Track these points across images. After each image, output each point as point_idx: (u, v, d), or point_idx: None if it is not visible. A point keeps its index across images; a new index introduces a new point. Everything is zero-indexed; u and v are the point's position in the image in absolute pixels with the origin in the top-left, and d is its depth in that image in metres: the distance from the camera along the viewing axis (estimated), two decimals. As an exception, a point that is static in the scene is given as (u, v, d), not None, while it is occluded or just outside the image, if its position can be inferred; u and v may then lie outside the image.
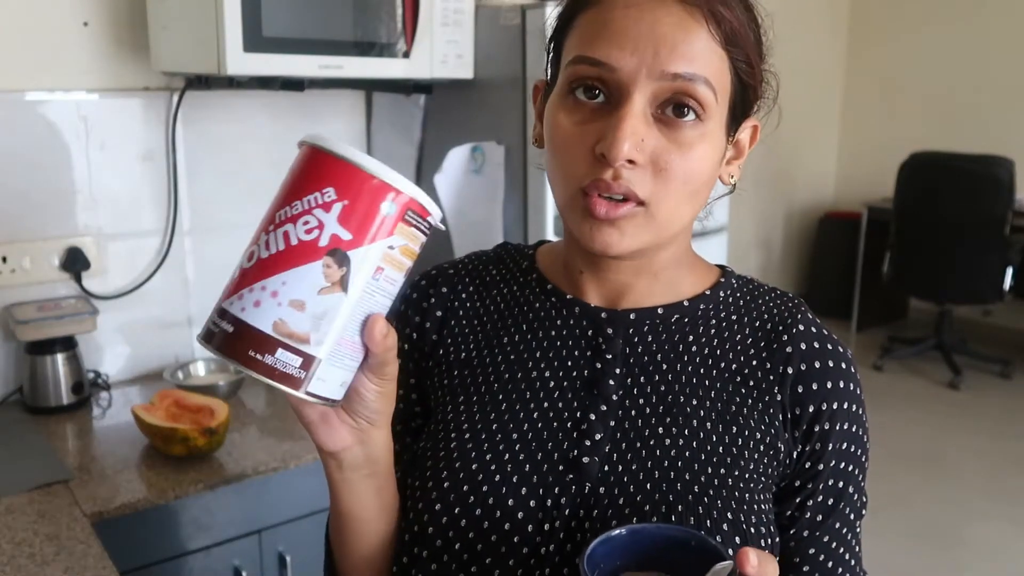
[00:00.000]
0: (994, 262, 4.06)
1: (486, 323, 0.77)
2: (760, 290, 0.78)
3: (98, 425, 1.67)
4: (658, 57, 0.61)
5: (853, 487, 0.75)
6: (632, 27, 0.61)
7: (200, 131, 1.88)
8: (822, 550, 0.74)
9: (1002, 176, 3.96)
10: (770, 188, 5.29)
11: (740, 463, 0.70)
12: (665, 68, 0.61)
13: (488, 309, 0.78)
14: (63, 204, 1.76)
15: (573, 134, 0.64)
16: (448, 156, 1.88)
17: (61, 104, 1.73)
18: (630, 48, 0.61)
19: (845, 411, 0.72)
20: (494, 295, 0.78)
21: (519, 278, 0.79)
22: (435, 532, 0.69)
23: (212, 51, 1.51)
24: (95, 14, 1.73)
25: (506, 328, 0.76)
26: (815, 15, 5.24)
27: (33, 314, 1.67)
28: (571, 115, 0.64)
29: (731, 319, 0.74)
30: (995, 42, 4.82)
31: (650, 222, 0.65)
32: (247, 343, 0.53)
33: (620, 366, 0.72)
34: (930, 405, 4.08)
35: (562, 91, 0.65)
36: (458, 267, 0.82)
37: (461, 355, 0.76)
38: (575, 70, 0.63)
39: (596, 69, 0.62)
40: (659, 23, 0.61)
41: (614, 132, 0.61)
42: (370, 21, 1.66)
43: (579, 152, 0.64)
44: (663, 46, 0.61)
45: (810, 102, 5.34)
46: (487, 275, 0.80)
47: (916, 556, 2.83)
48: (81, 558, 1.17)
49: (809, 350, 0.72)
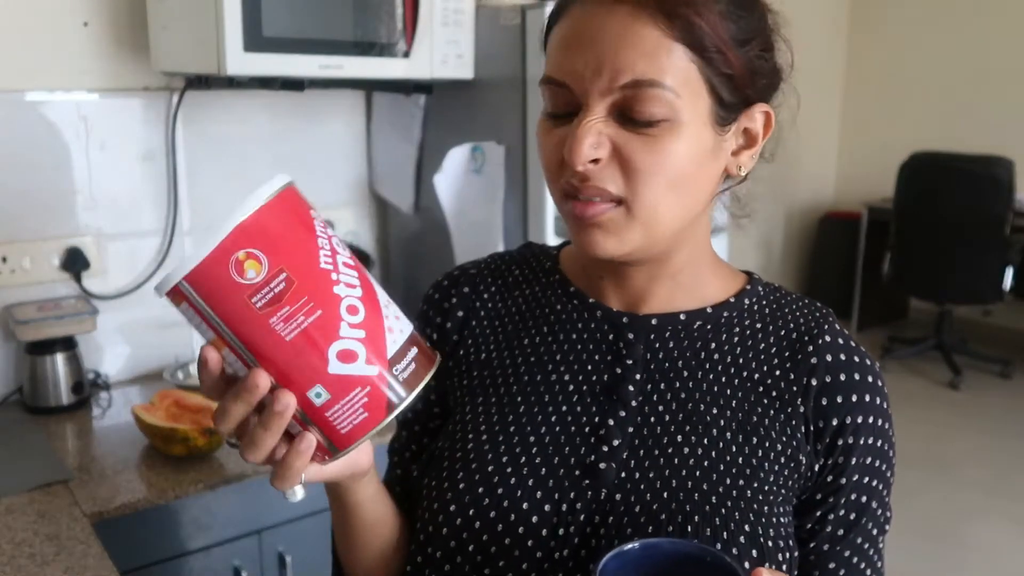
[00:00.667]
0: (994, 262, 4.06)
1: (507, 324, 0.77)
2: (788, 299, 0.77)
3: (98, 425, 1.67)
4: (600, 72, 0.61)
5: (877, 502, 0.74)
6: (583, 41, 0.61)
7: (200, 131, 1.88)
8: (843, 565, 0.73)
9: (1002, 176, 3.96)
10: (770, 188, 5.27)
11: (760, 475, 0.68)
12: (612, 83, 0.61)
13: (510, 310, 0.77)
14: (63, 204, 1.76)
15: (549, 149, 0.65)
16: (448, 156, 1.88)
17: (61, 104, 1.73)
18: (580, 64, 0.61)
19: (870, 425, 0.71)
20: (516, 296, 0.78)
21: (542, 279, 0.78)
22: (449, 533, 0.69)
23: (212, 51, 1.51)
24: (95, 14, 1.73)
25: (527, 329, 0.76)
26: (815, 15, 5.24)
27: (33, 314, 1.67)
28: (547, 133, 0.66)
29: (755, 327, 0.73)
30: (995, 42, 4.82)
31: (632, 220, 0.65)
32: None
33: (640, 372, 0.71)
34: (930, 405, 4.08)
35: (543, 110, 0.67)
36: (480, 267, 0.81)
37: (481, 356, 0.76)
38: (543, 91, 0.65)
39: (557, 88, 0.63)
40: (604, 32, 0.60)
41: (571, 136, 0.62)
42: (370, 21, 1.66)
43: (552, 160, 0.66)
44: (606, 59, 0.60)
45: (810, 102, 5.31)
46: (510, 275, 0.80)
47: (916, 556, 2.83)
48: (81, 558, 1.17)
49: (835, 362, 0.71)
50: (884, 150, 5.08)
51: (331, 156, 2.09)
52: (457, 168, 1.90)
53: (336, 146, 2.10)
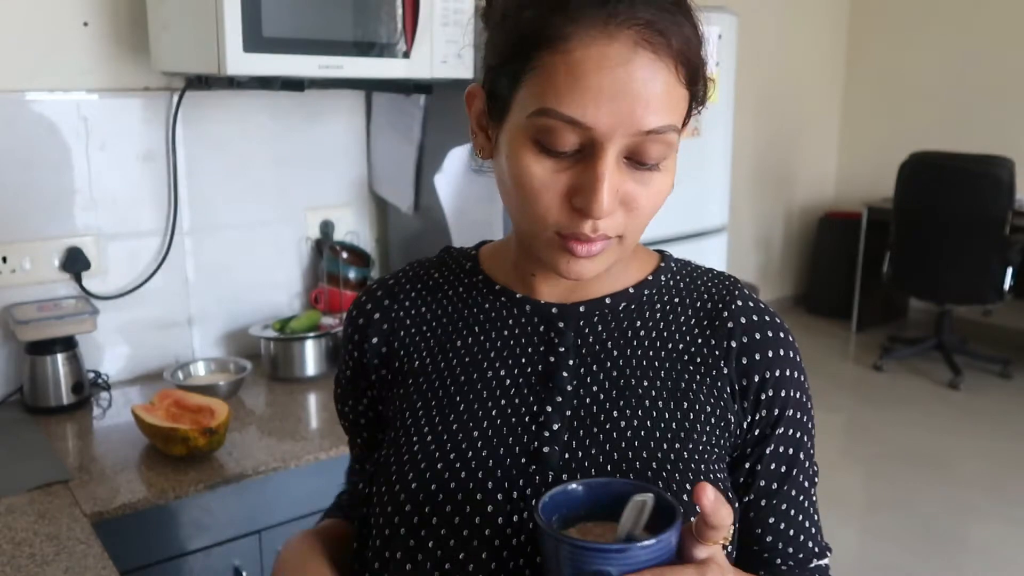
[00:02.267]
0: (994, 262, 4.06)
1: (435, 328, 0.78)
2: (698, 271, 0.81)
3: (98, 425, 1.67)
4: (633, 116, 0.61)
5: (804, 454, 0.77)
6: (607, 83, 0.60)
7: (200, 131, 1.89)
8: (781, 517, 0.76)
9: (1002, 176, 3.96)
10: (770, 188, 5.29)
11: (693, 437, 0.72)
12: (640, 127, 0.61)
13: (435, 313, 0.78)
14: (63, 204, 1.76)
15: (544, 181, 0.64)
16: (448, 156, 1.87)
17: (61, 104, 1.73)
18: (605, 108, 0.60)
19: (789, 378, 0.75)
20: (439, 298, 0.79)
21: (464, 280, 0.79)
22: (407, 532, 0.70)
23: (212, 51, 1.51)
24: (95, 14, 1.73)
25: (457, 331, 0.77)
26: (815, 15, 5.24)
27: (33, 314, 1.67)
28: (540, 162, 0.63)
29: (674, 301, 0.77)
30: (995, 42, 4.82)
31: (621, 248, 0.69)
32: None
33: (573, 357, 0.74)
34: (930, 405, 4.08)
35: (527, 136, 0.64)
36: (398, 277, 0.83)
37: (415, 363, 0.77)
38: (545, 123, 0.62)
39: (569, 126, 0.61)
40: (632, 79, 0.60)
41: (594, 192, 0.62)
42: (370, 21, 1.66)
43: (552, 199, 0.64)
44: (637, 104, 0.60)
45: (810, 102, 5.34)
46: (430, 280, 0.80)
47: (916, 556, 2.83)
48: (81, 558, 1.17)
49: (749, 323, 0.75)
50: (884, 150, 5.08)
51: (331, 156, 2.09)
52: (457, 168, 1.90)
53: (336, 146, 2.10)
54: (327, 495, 0.97)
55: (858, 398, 4.27)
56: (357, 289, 2.07)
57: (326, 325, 1.93)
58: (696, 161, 2.11)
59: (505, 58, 0.65)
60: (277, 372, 1.88)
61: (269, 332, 1.91)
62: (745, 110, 4.10)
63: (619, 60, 0.60)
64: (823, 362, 4.67)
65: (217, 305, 1.97)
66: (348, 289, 2.05)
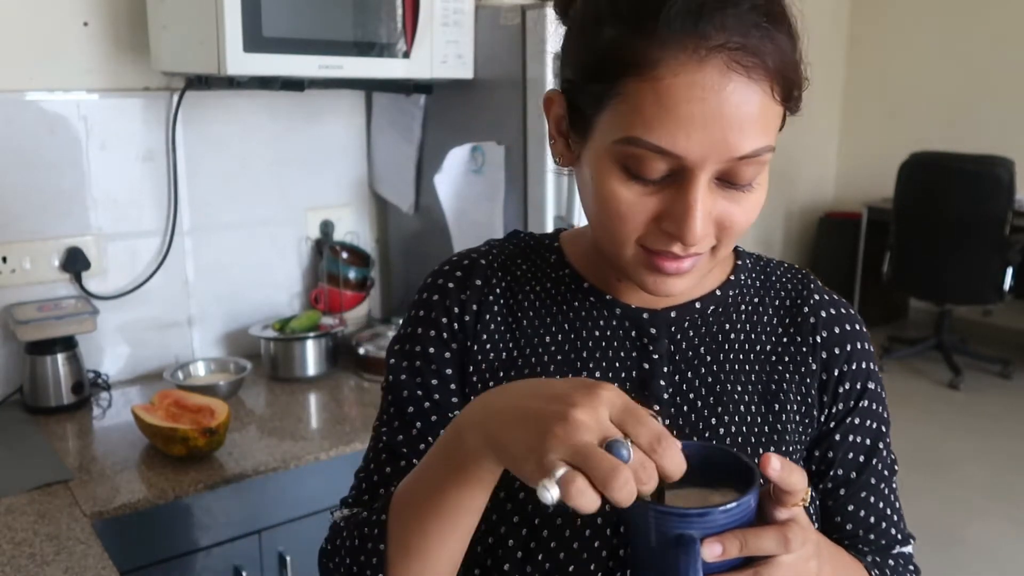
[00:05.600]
0: (994, 262, 4.06)
1: (522, 321, 0.74)
2: (771, 266, 0.81)
3: (98, 425, 1.67)
4: (727, 143, 0.59)
5: (882, 443, 0.79)
6: (698, 112, 0.57)
7: (200, 131, 1.88)
8: (861, 505, 0.78)
9: (1002, 176, 3.96)
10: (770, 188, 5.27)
11: (785, 436, 0.73)
12: (733, 154, 0.59)
13: (522, 306, 0.75)
14: (63, 204, 1.76)
15: (633, 205, 0.62)
16: (448, 156, 1.88)
17: (61, 104, 1.73)
18: (697, 137, 0.58)
19: (866, 370, 0.77)
20: (527, 291, 0.75)
21: (551, 274, 0.76)
22: (516, 544, 0.70)
23: (212, 51, 1.51)
24: (95, 14, 1.73)
25: (546, 327, 0.74)
26: (815, 15, 5.23)
27: (33, 314, 1.67)
28: (628, 187, 0.62)
29: (754, 301, 0.77)
30: (995, 42, 4.82)
31: (712, 261, 0.68)
32: None
33: (667, 364, 0.73)
34: (930, 405, 4.08)
35: (614, 161, 0.62)
36: (488, 259, 0.77)
37: (502, 355, 0.73)
38: (633, 152, 0.60)
39: (659, 155, 0.59)
40: (725, 104, 0.58)
41: (687, 220, 0.60)
42: (370, 21, 1.66)
43: (641, 220, 0.63)
44: (731, 131, 0.58)
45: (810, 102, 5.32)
46: (517, 270, 0.76)
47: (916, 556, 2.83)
48: (81, 558, 1.17)
49: (828, 317, 0.77)
50: (884, 150, 5.08)
51: (331, 156, 2.09)
52: (457, 168, 1.90)
53: (336, 146, 2.10)
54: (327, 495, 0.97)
55: (858, 398, 4.27)
56: (357, 289, 2.07)
57: (326, 325, 1.93)
58: (696, 161, 2.11)
59: (587, 77, 0.62)
60: (277, 372, 1.88)
61: (269, 332, 1.91)
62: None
63: (710, 87, 0.57)
64: (823, 362, 4.67)
65: (217, 305, 1.97)
66: (348, 289, 2.05)
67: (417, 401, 0.74)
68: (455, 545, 0.65)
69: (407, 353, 0.75)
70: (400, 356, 0.75)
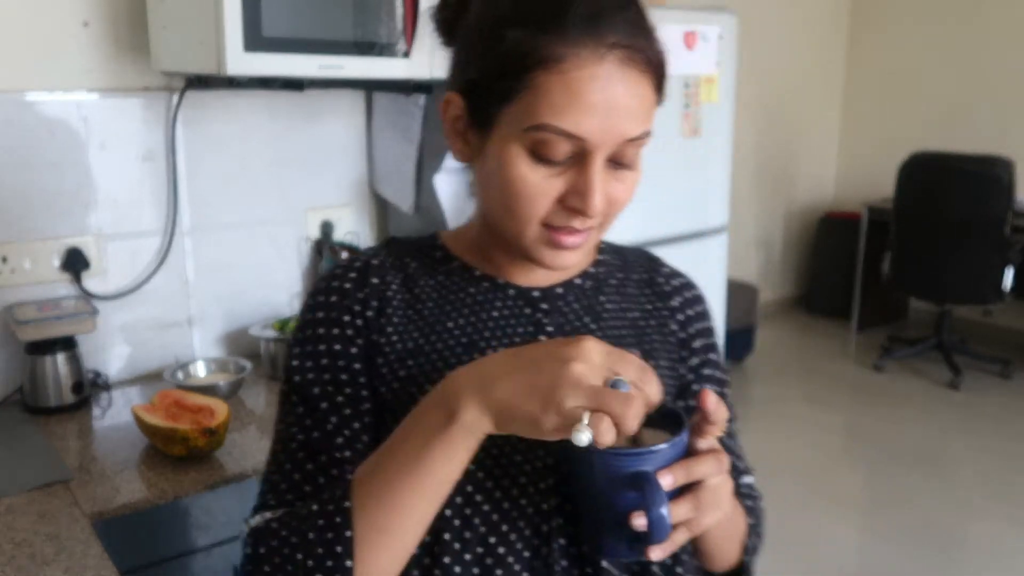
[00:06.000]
0: (994, 262, 4.06)
1: (422, 311, 0.79)
2: (624, 249, 0.92)
3: (98, 425, 1.67)
4: (621, 127, 0.69)
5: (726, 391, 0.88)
6: (599, 100, 0.67)
7: (200, 131, 1.89)
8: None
9: (1002, 176, 3.96)
10: (770, 188, 5.29)
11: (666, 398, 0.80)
12: (625, 136, 0.70)
13: (420, 298, 0.80)
14: (63, 204, 1.76)
15: (539, 186, 0.71)
16: (448, 156, 1.88)
17: (61, 104, 1.73)
18: (598, 122, 0.68)
19: (710, 329, 0.89)
20: (423, 285, 0.81)
21: (441, 268, 0.82)
22: (453, 513, 0.73)
23: (212, 51, 1.51)
24: (95, 14, 1.73)
25: (446, 314, 0.79)
26: (815, 15, 5.24)
27: (33, 314, 1.67)
28: (535, 170, 0.70)
29: (620, 276, 0.87)
30: (995, 42, 4.82)
31: (598, 236, 0.77)
32: None
33: (560, 335, 0.80)
34: (930, 405, 4.08)
35: (523, 147, 0.70)
36: (379, 260, 0.82)
37: (408, 344, 0.77)
38: (543, 136, 0.68)
39: (565, 138, 0.68)
40: (620, 94, 0.68)
41: (590, 195, 0.70)
42: (370, 21, 1.66)
43: (547, 202, 0.71)
44: (624, 117, 0.69)
45: (810, 102, 5.34)
46: (408, 267, 0.82)
47: (916, 556, 2.83)
48: (81, 558, 1.17)
49: (679, 286, 0.89)
50: (884, 150, 5.08)
51: (331, 156, 2.09)
52: (457, 168, 1.90)
53: (336, 146, 2.10)
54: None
55: (858, 398, 4.27)
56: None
57: (326, 325, 1.93)
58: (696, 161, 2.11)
59: (494, 75, 0.70)
60: (277, 372, 1.88)
61: (269, 332, 1.91)
62: (745, 110, 4.10)
63: (609, 78, 0.67)
64: (823, 362, 4.67)
65: (217, 305, 1.97)
66: (348, 289, 2.04)
67: (329, 397, 0.76)
68: (429, 519, 0.68)
69: (312, 354, 0.77)
70: (304, 358, 0.78)
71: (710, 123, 2.10)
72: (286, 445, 0.76)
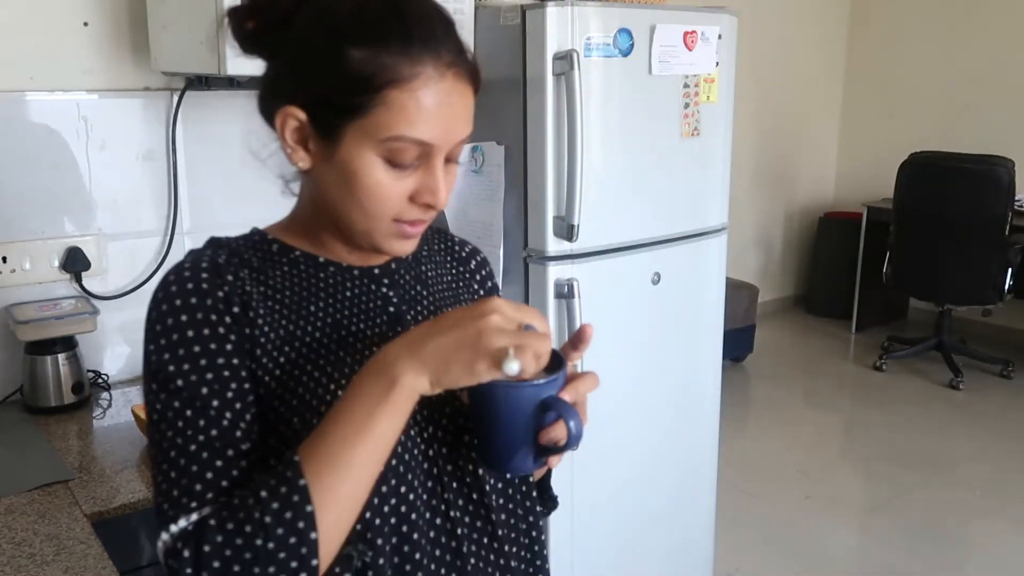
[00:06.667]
0: (994, 262, 4.07)
1: (283, 300, 0.84)
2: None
3: (98, 425, 1.67)
4: (456, 131, 0.81)
5: None
6: (444, 111, 0.79)
7: (200, 131, 1.88)
8: None
9: (1002, 176, 3.96)
10: (770, 188, 5.29)
11: None
12: (459, 138, 0.82)
13: (275, 288, 0.84)
14: (63, 204, 1.76)
15: (392, 187, 0.80)
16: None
17: (61, 104, 1.73)
18: (441, 128, 0.79)
19: (497, 285, 1.07)
20: (273, 275, 0.86)
21: (283, 259, 0.88)
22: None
23: (212, 51, 1.51)
24: (95, 14, 1.73)
25: (305, 299, 0.85)
26: (815, 15, 5.24)
27: (33, 314, 1.67)
28: (389, 175, 0.80)
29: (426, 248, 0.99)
30: (995, 42, 4.82)
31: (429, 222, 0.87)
32: None
33: (403, 304, 0.91)
34: (930, 405, 4.09)
35: (377, 155, 0.79)
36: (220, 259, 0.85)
37: (280, 331, 0.81)
38: (399, 147, 0.78)
39: (416, 145, 0.78)
40: (457, 104, 0.80)
41: (438, 190, 0.81)
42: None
43: (399, 200, 0.81)
44: (458, 123, 0.81)
45: (810, 102, 5.34)
46: (250, 263, 0.86)
47: (916, 556, 2.83)
48: (81, 558, 1.17)
49: (471, 251, 1.04)
50: (884, 150, 5.08)
51: (331, 156, 2.09)
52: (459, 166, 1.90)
53: (336, 146, 2.10)
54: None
55: (858, 398, 4.27)
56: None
57: (326, 325, 1.93)
58: (696, 161, 2.10)
59: (342, 91, 0.77)
60: (277, 372, 1.88)
61: (269, 332, 1.90)
62: (745, 110, 4.10)
63: (448, 92, 0.79)
64: (823, 362, 4.67)
65: (217, 305, 1.97)
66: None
67: (218, 395, 0.77)
68: (374, 480, 0.76)
69: (189, 356, 0.77)
70: (181, 361, 0.77)
71: (710, 123, 2.10)
72: (182, 449, 0.75)
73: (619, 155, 1.94)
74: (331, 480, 0.72)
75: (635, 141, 1.96)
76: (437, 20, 0.81)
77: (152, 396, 0.77)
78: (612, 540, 2.14)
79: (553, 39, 1.78)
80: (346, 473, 0.72)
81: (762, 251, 5.39)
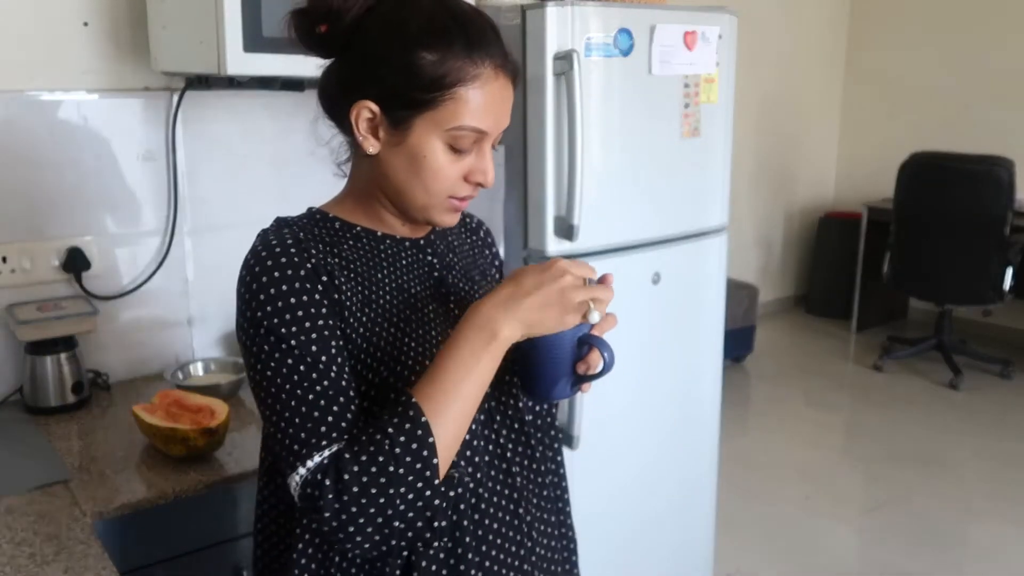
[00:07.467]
0: (994, 262, 4.07)
1: (356, 269, 0.98)
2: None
3: (98, 425, 1.67)
4: (503, 122, 0.97)
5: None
6: (497, 104, 0.95)
7: (200, 131, 1.89)
8: None
9: (1002, 176, 3.96)
10: (770, 188, 5.29)
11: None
12: (504, 127, 0.98)
13: (348, 259, 0.98)
14: (63, 204, 1.76)
15: (451, 168, 0.95)
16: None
17: (61, 104, 1.73)
18: (494, 119, 0.95)
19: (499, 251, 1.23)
20: (344, 248, 0.99)
21: (348, 234, 1.01)
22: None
23: (212, 51, 1.51)
24: (95, 14, 1.73)
25: (373, 267, 0.99)
26: (815, 15, 5.24)
27: (33, 314, 1.67)
28: (448, 157, 0.94)
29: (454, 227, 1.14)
30: (995, 42, 4.82)
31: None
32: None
33: (444, 268, 1.07)
34: (930, 405, 4.09)
35: (443, 141, 0.93)
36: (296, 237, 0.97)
37: (359, 296, 0.96)
38: (461, 135, 0.93)
39: (475, 133, 0.93)
40: (506, 99, 0.96)
41: (490, 170, 0.97)
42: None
43: (457, 180, 0.96)
44: (505, 115, 0.97)
45: (810, 101, 5.34)
46: (323, 239, 0.99)
47: (916, 556, 2.83)
48: (81, 558, 1.17)
49: (479, 222, 1.20)
50: (884, 150, 5.08)
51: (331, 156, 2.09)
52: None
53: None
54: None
55: (858, 398, 4.27)
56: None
57: (326, 325, 1.93)
58: (696, 161, 2.10)
59: (416, 87, 0.91)
60: (277, 372, 1.88)
61: (269, 332, 1.90)
62: (745, 110, 4.10)
63: (500, 88, 0.94)
64: (823, 362, 4.67)
65: (217, 305, 1.97)
66: (348, 289, 2.04)
67: (324, 351, 0.90)
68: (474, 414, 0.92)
69: (292, 320, 0.90)
70: (288, 324, 0.90)
71: (710, 123, 2.10)
72: (302, 398, 0.88)
73: (619, 155, 1.94)
74: (447, 414, 0.87)
75: (635, 141, 1.97)
76: (489, 28, 0.94)
77: (266, 355, 0.89)
78: (612, 539, 2.14)
79: (553, 39, 1.79)
80: (459, 408, 0.88)
81: (762, 251, 5.39)
